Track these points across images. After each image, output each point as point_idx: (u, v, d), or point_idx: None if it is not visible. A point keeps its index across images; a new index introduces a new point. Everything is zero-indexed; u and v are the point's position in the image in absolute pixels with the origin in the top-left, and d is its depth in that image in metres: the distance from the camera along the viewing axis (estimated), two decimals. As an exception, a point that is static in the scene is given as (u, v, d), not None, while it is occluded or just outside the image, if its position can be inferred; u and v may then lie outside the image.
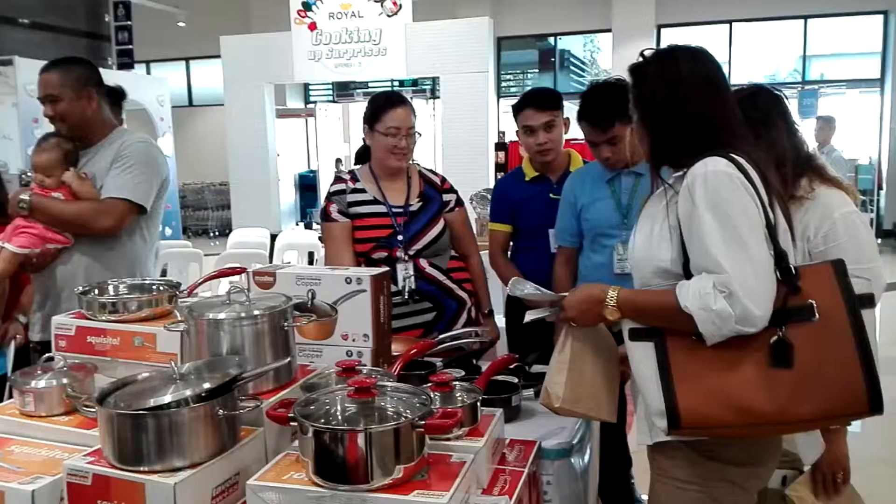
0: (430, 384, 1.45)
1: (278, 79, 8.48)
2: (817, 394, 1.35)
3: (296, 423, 1.19)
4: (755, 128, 1.65)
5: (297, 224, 8.42)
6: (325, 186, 7.06)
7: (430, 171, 2.62)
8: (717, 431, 1.40)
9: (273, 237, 6.67)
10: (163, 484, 1.16)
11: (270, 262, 5.92)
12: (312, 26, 7.84)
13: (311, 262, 6.11)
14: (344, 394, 1.27)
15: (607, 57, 11.98)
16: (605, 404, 1.63)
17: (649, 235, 1.50)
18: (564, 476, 1.62)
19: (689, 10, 10.94)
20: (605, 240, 2.39)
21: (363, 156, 2.81)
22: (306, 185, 10.15)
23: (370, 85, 9.72)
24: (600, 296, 1.51)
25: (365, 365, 1.63)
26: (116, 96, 3.38)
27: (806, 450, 1.83)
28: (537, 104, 2.64)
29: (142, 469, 1.18)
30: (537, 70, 12.50)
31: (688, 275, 1.41)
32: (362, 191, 2.45)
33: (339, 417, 1.23)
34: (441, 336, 1.91)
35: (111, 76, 2.48)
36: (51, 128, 2.48)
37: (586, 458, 1.79)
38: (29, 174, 2.43)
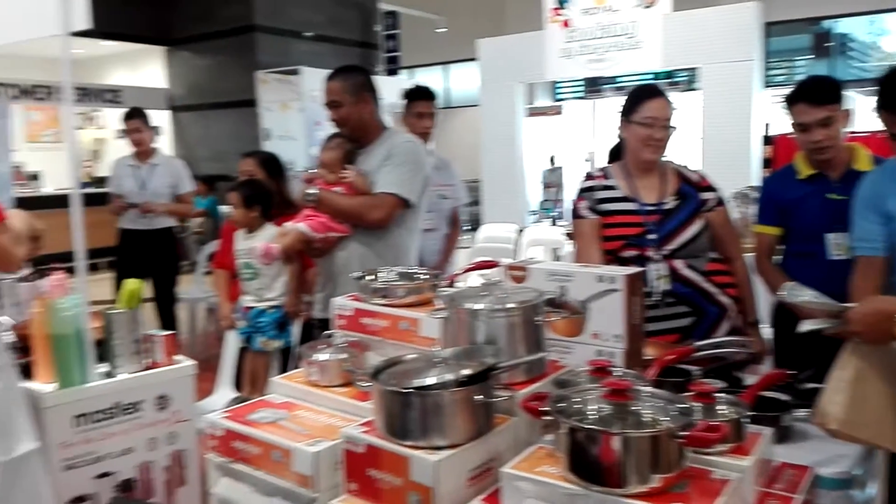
0: (689, 393, 1.38)
1: (530, 78, 8.62)
2: None
3: (549, 417, 1.20)
4: None
5: (541, 220, 8.49)
6: (570, 184, 7.04)
7: (688, 168, 2.49)
8: None
9: (519, 232, 6.82)
10: (426, 460, 1.23)
11: (515, 256, 6.07)
12: (566, 24, 7.86)
13: (555, 259, 6.15)
14: (597, 394, 1.25)
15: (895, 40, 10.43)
16: (891, 432, 1.44)
17: None
18: (843, 510, 1.45)
19: None
20: None
21: (615, 155, 2.76)
22: (552, 182, 10.23)
23: (620, 80, 9.49)
24: (892, 311, 1.32)
25: (617, 366, 1.59)
26: (428, 95, 3.66)
27: None
28: (812, 98, 2.36)
29: (407, 443, 1.27)
30: (812, 56, 11.26)
31: None
32: (613, 188, 2.40)
33: (593, 417, 1.21)
34: (700, 343, 1.79)
35: (379, 82, 2.79)
36: (331, 129, 2.78)
37: (871, 491, 1.58)
38: (313, 171, 2.74)
